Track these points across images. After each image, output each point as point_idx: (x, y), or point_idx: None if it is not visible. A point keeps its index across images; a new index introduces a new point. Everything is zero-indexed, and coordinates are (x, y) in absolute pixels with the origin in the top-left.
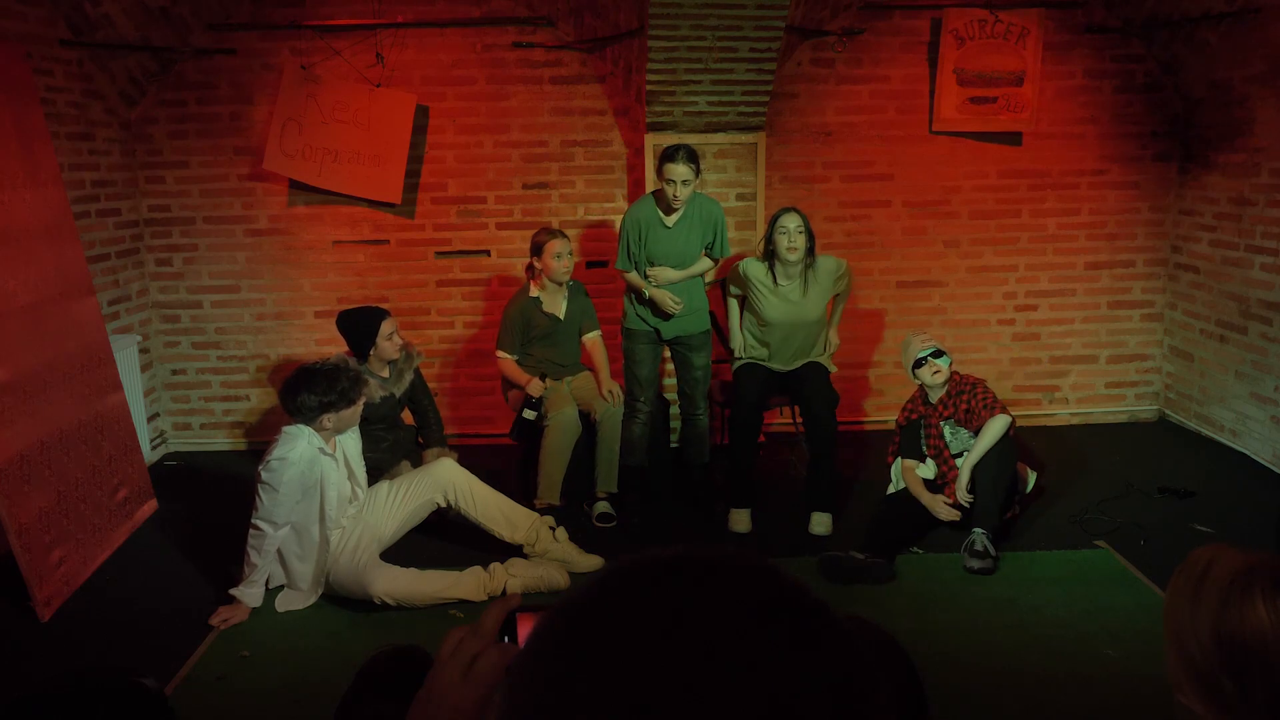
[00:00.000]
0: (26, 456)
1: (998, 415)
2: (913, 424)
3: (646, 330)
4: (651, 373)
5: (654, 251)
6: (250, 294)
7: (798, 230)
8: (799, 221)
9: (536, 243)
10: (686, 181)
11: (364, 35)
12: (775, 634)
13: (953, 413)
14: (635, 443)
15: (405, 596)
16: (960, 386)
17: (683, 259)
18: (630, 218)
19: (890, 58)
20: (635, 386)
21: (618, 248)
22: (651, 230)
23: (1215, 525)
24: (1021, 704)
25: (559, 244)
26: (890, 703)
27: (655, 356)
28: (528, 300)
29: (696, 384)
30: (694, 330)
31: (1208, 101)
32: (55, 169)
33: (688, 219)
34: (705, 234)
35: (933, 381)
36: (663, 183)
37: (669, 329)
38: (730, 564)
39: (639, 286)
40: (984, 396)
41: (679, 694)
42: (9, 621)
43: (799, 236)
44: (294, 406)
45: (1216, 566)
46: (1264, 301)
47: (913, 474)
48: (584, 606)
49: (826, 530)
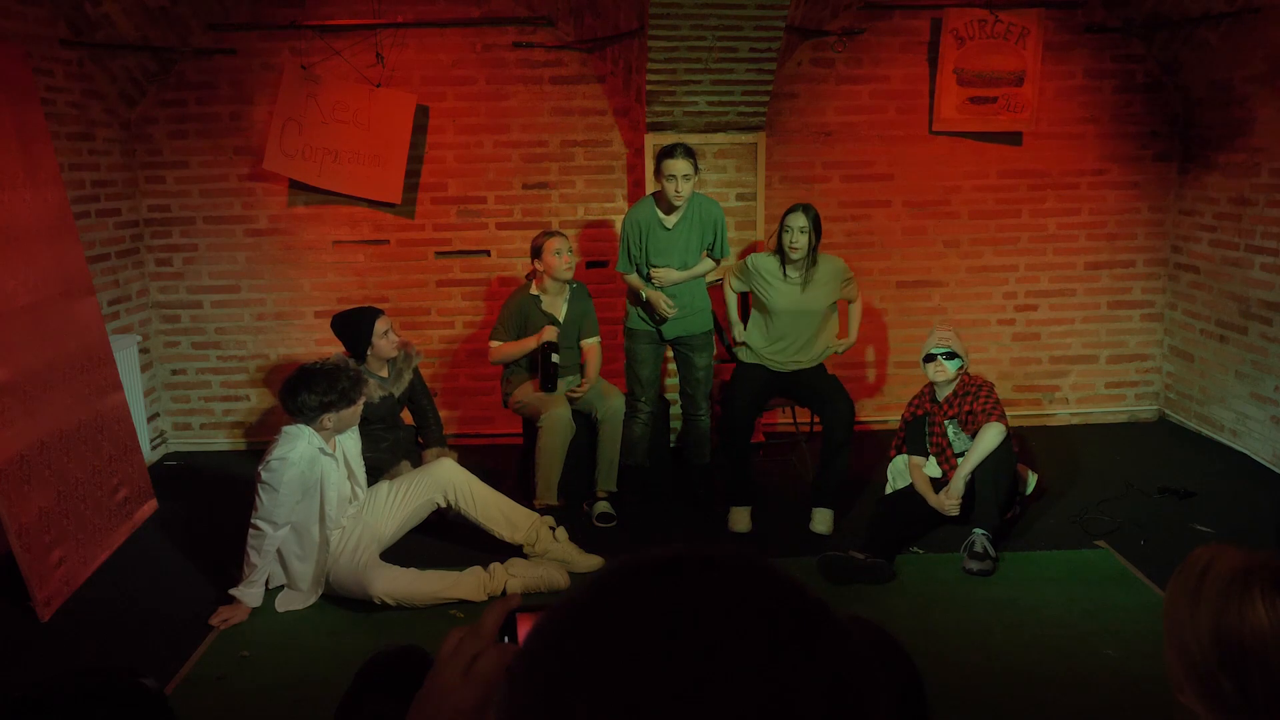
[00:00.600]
0: (26, 456)
1: (992, 423)
2: (918, 420)
3: (648, 330)
4: (653, 373)
5: (654, 253)
6: (250, 294)
7: (801, 230)
8: (804, 222)
9: (535, 245)
10: (687, 176)
11: (364, 35)
12: (774, 633)
13: (956, 413)
14: (636, 443)
15: (405, 596)
16: (968, 388)
17: (683, 260)
18: (630, 219)
19: (890, 58)
20: (636, 386)
21: (619, 249)
22: (651, 232)
23: (1215, 525)
24: (1021, 704)
25: (558, 241)
26: (890, 703)
27: (657, 356)
28: (527, 297)
29: (698, 384)
30: (696, 330)
31: (1208, 101)
32: (55, 169)
33: (687, 220)
34: (705, 235)
35: (936, 379)
36: (662, 181)
37: (671, 329)
38: (729, 563)
39: (637, 288)
40: (985, 401)
41: (677, 693)
42: (9, 621)
43: (801, 236)
44: (294, 406)
45: (1216, 566)
46: (1264, 301)
47: (918, 469)
48: (583, 606)
49: (828, 529)
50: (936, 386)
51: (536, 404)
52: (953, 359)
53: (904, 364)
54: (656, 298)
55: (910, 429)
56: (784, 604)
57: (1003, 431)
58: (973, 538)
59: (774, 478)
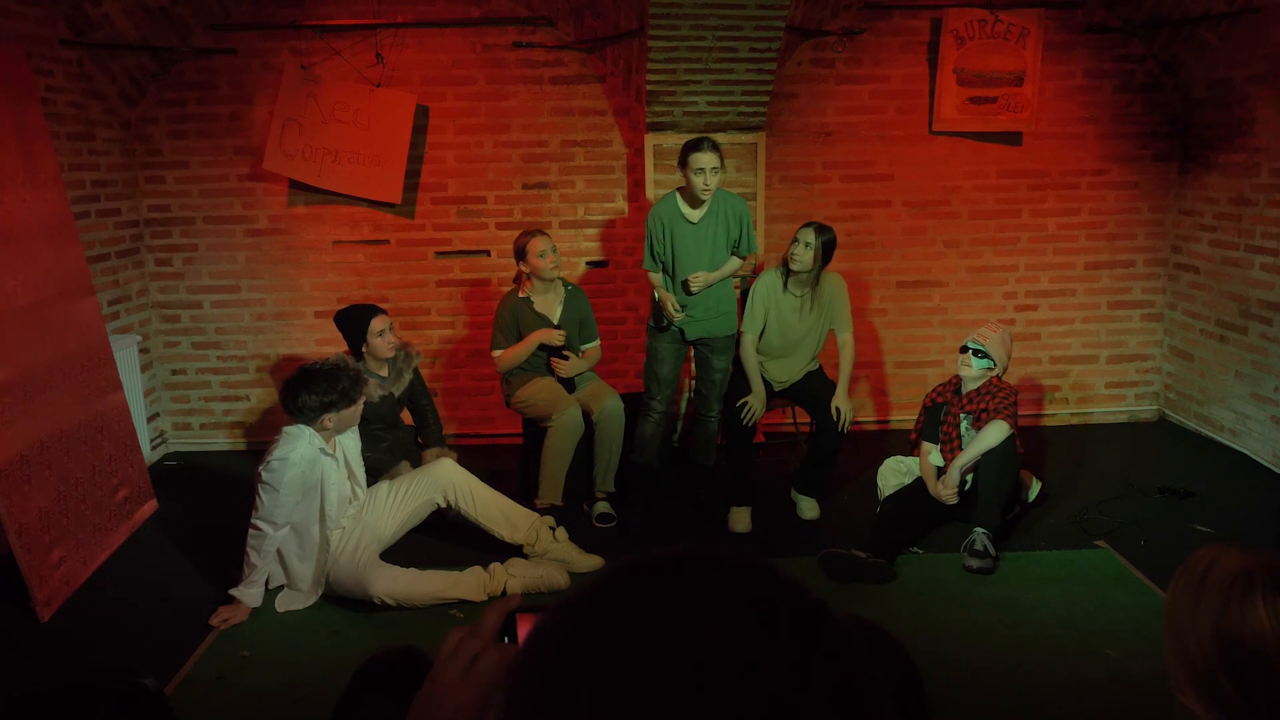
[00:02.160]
0: (26, 456)
1: (998, 420)
2: (936, 406)
3: (672, 329)
4: (672, 373)
5: (679, 249)
6: (250, 294)
7: (806, 245)
8: (812, 238)
9: (518, 246)
10: (715, 169)
11: (364, 35)
12: (773, 634)
13: (974, 409)
14: (647, 441)
15: (405, 596)
16: (991, 389)
17: (710, 258)
18: (653, 215)
19: (890, 58)
20: (654, 385)
21: (643, 247)
22: (676, 227)
23: (1215, 525)
24: (1021, 704)
25: (541, 242)
26: (889, 702)
27: (678, 356)
28: (518, 300)
29: (714, 385)
30: (719, 333)
31: (1208, 101)
32: (55, 169)
33: (712, 215)
34: (731, 230)
35: (960, 371)
36: (690, 175)
37: (694, 330)
38: (728, 563)
39: (656, 286)
40: (999, 400)
41: (676, 694)
42: (9, 621)
43: (806, 251)
44: (295, 407)
45: (1218, 567)
46: (1264, 301)
47: (926, 458)
48: (582, 606)
49: (815, 514)
50: (963, 380)
51: (541, 405)
52: (981, 358)
53: (904, 364)
54: (666, 299)
55: (928, 415)
56: (783, 605)
57: (1006, 430)
58: (973, 536)
59: (774, 478)
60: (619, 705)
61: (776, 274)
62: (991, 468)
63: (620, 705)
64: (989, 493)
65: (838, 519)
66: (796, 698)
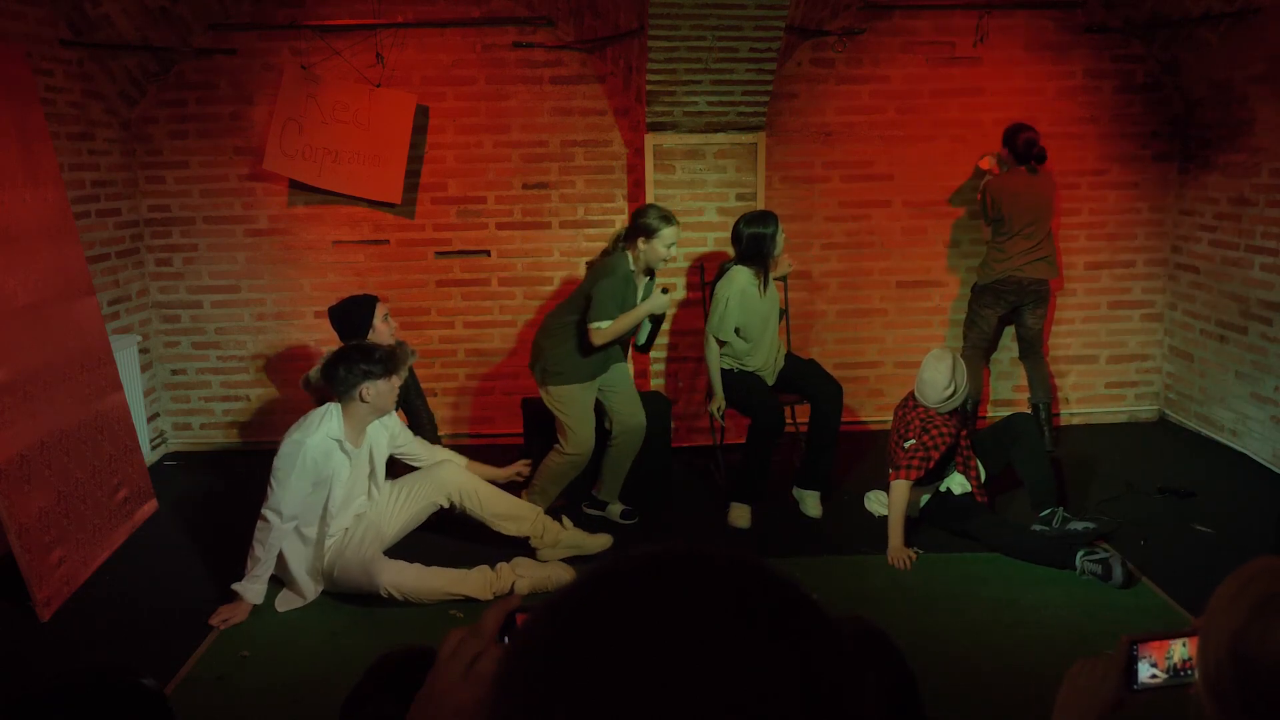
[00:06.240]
0: (26, 456)
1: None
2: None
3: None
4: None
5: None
6: (250, 294)
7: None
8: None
9: (647, 225)
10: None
11: (364, 35)
12: (754, 631)
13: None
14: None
15: (412, 590)
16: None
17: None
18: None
19: (890, 58)
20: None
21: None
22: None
23: (1215, 525)
24: (1022, 704)
25: (675, 233)
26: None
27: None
28: (629, 272)
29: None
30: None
31: (1208, 101)
32: (55, 169)
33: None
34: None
35: (943, 409)
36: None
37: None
38: (715, 561)
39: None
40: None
41: (655, 691)
42: (9, 621)
43: (781, 239)
44: (335, 376)
45: (1259, 581)
46: (1264, 301)
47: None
48: (566, 605)
49: (818, 512)
50: (936, 409)
51: (573, 416)
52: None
53: (904, 364)
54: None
55: (944, 457)
56: (768, 602)
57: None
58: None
59: (775, 478)
60: (597, 703)
61: (742, 270)
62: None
63: (598, 703)
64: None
65: (840, 518)
66: (773, 695)
